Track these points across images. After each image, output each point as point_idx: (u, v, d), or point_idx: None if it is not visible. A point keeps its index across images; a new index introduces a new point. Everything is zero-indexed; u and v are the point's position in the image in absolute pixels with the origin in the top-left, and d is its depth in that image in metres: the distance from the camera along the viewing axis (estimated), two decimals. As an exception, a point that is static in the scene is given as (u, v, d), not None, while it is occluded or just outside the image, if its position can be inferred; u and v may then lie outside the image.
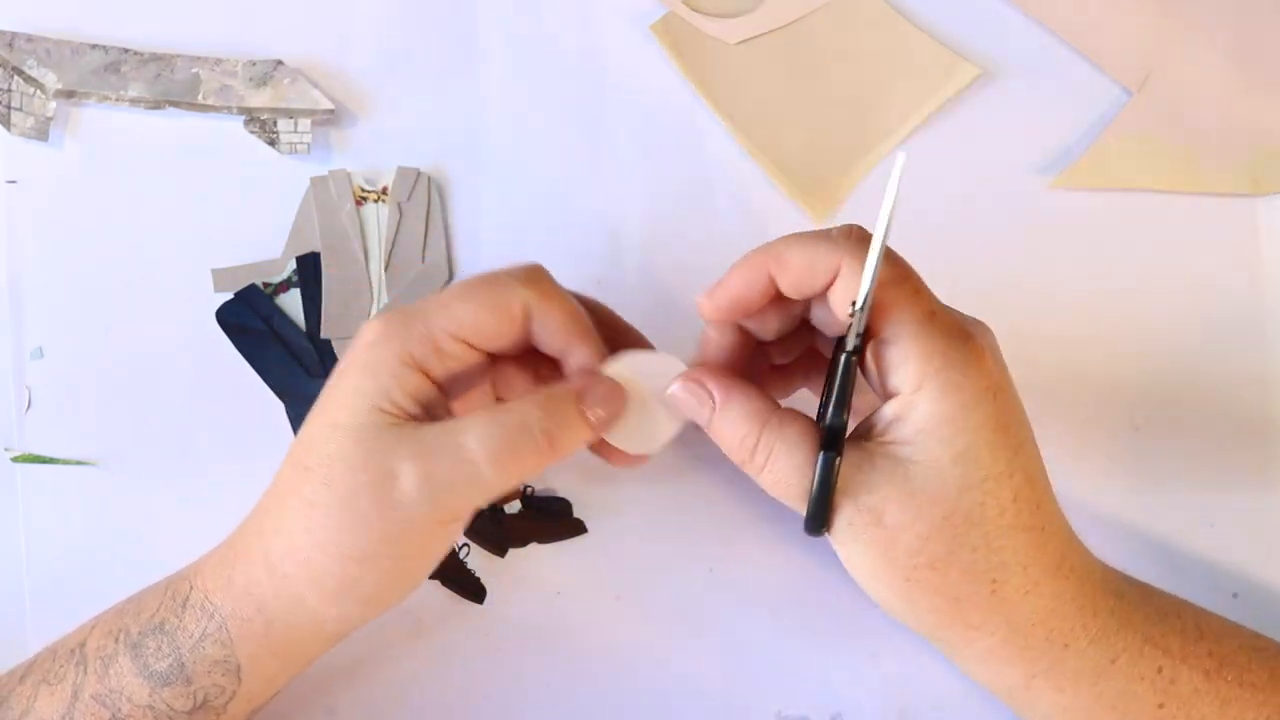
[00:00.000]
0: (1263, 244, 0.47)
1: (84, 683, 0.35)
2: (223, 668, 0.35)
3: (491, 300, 0.35)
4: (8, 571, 0.44)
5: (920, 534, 0.32)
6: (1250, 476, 0.45)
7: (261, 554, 0.34)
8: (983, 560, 0.33)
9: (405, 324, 0.35)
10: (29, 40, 0.46)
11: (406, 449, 0.33)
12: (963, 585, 0.33)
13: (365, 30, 0.48)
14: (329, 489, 0.33)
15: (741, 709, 0.43)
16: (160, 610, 0.35)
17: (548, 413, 0.34)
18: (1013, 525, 0.33)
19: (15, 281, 0.46)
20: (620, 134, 0.48)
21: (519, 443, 0.33)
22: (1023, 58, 0.48)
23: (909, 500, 0.32)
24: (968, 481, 0.32)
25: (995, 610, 0.33)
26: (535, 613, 0.44)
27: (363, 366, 0.34)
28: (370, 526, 0.33)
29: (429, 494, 0.33)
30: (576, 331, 0.36)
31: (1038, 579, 0.34)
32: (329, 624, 0.35)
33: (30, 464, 0.45)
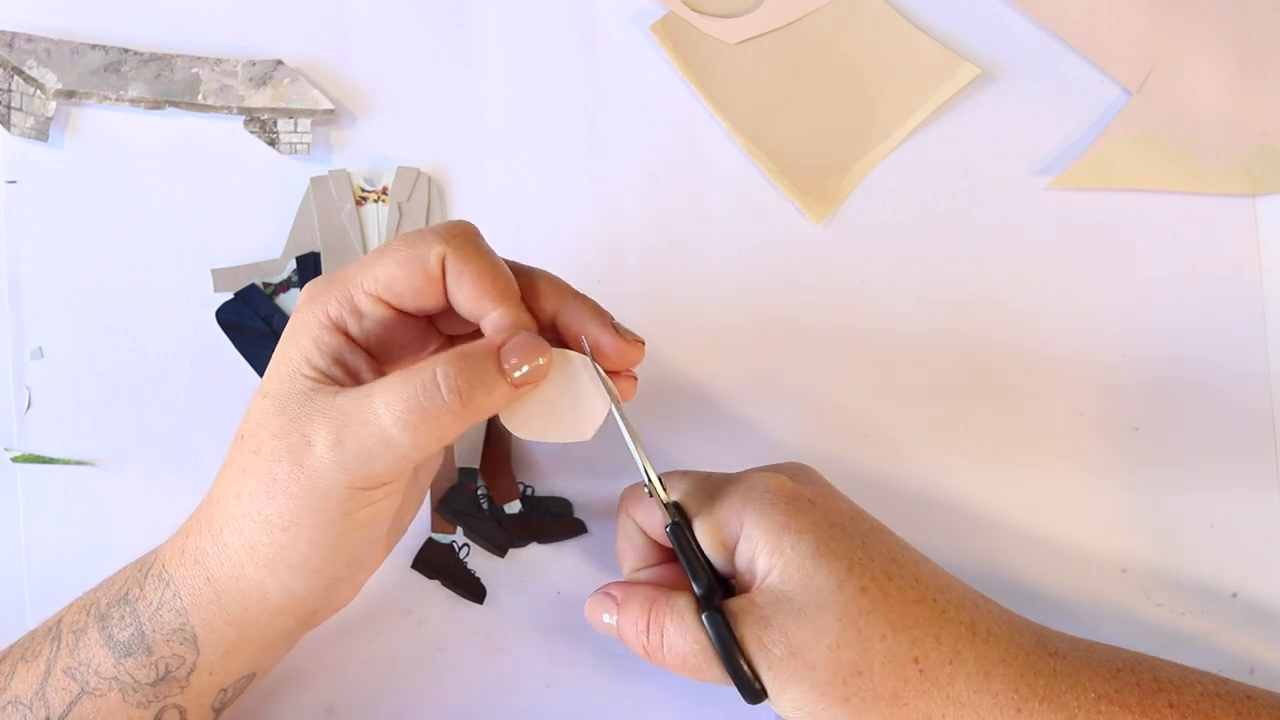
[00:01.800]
0: (1263, 244, 0.47)
1: (56, 657, 0.35)
2: (180, 636, 0.35)
3: (407, 255, 0.33)
4: (8, 571, 0.44)
5: (830, 646, 0.33)
6: (1250, 476, 0.45)
7: (207, 522, 0.35)
8: (895, 645, 0.33)
9: (327, 285, 0.34)
10: (29, 40, 0.46)
11: (321, 414, 0.32)
12: (891, 677, 0.33)
13: (365, 30, 0.48)
14: (256, 456, 0.33)
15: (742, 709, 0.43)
16: (126, 582, 0.36)
17: (460, 369, 0.32)
18: (902, 601, 0.34)
19: (15, 281, 0.46)
20: (620, 134, 0.48)
21: (429, 403, 0.31)
22: (1023, 58, 0.48)
23: (802, 619, 0.33)
24: (837, 575, 0.33)
25: (933, 690, 0.33)
26: (535, 613, 0.44)
27: (290, 332, 0.34)
28: (289, 493, 0.32)
29: (340, 459, 0.31)
30: (492, 291, 0.33)
31: (956, 648, 0.34)
32: (271, 594, 0.34)
33: (30, 464, 0.45)
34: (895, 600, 0.34)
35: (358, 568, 0.36)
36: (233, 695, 0.37)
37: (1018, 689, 0.34)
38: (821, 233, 0.47)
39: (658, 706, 0.44)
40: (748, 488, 0.36)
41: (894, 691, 0.33)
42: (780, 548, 0.34)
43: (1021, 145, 0.48)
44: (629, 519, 0.39)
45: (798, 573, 0.34)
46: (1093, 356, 0.46)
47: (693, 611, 0.35)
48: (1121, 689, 0.35)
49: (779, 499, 0.35)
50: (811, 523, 0.34)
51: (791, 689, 0.33)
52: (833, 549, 0.34)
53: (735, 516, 0.35)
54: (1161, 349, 0.46)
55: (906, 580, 0.34)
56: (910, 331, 0.46)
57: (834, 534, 0.34)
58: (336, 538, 0.33)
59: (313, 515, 0.32)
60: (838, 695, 0.33)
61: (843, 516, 0.36)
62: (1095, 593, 0.45)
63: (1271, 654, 0.44)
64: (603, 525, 0.45)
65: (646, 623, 0.35)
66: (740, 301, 0.46)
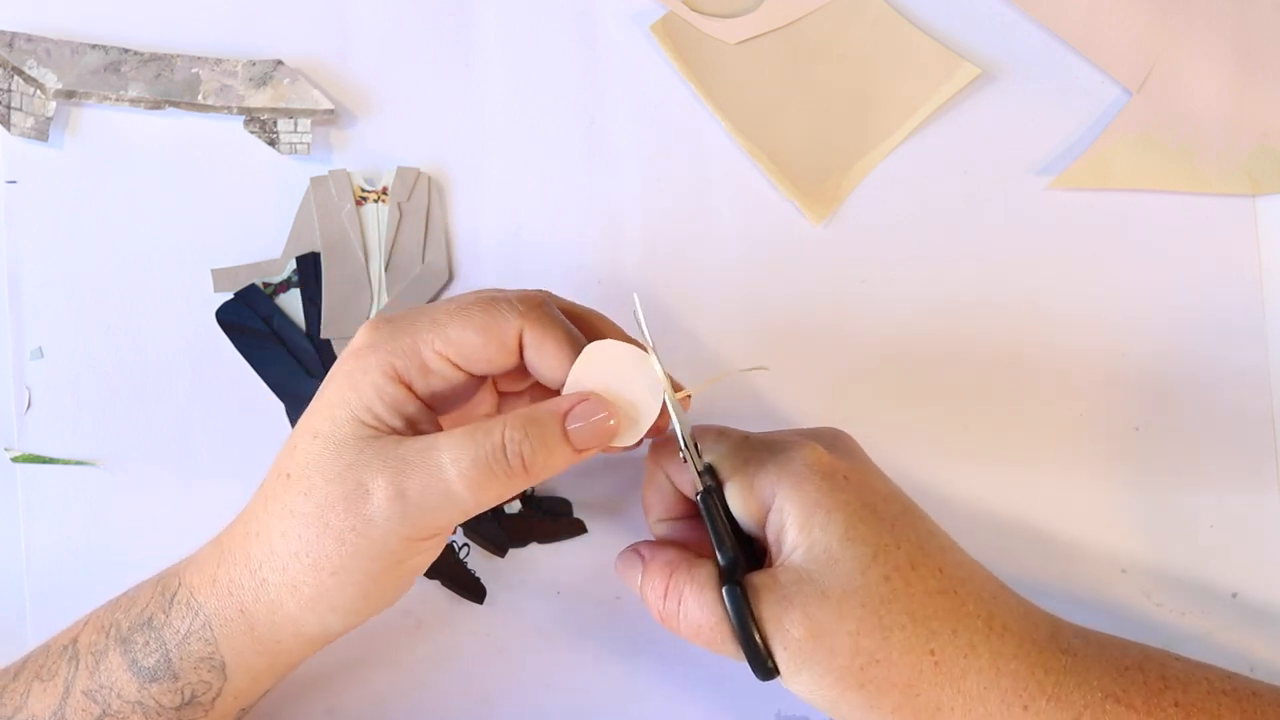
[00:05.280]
0: (1263, 244, 0.47)
1: (75, 678, 0.35)
2: (208, 664, 0.35)
3: (485, 324, 0.34)
4: (8, 571, 0.44)
5: (850, 631, 0.33)
6: (1250, 476, 0.45)
7: (244, 556, 0.34)
8: (913, 635, 0.33)
9: (393, 335, 0.34)
10: (29, 40, 0.46)
11: (381, 463, 0.32)
12: (907, 667, 0.33)
13: (365, 30, 0.48)
14: (306, 499, 0.33)
15: (741, 709, 0.43)
16: (149, 606, 0.36)
17: (527, 434, 0.33)
18: (924, 591, 0.34)
19: (15, 281, 0.46)
20: (620, 134, 0.48)
21: (494, 465, 0.32)
22: (1023, 58, 0.48)
23: (824, 601, 0.33)
24: (863, 560, 0.33)
25: (945, 683, 0.33)
26: (535, 613, 0.44)
27: (346, 375, 0.34)
28: (342, 540, 0.32)
29: (401, 511, 0.32)
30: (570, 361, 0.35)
31: (971, 641, 0.34)
32: (308, 629, 0.35)
33: (30, 464, 0.45)
34: (917, 590, 0.33)
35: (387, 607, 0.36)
36: (248, 711, 0.38)
37: (1027, 686, 0.34)
38: (821, 233, 0.47)
39: (658, 706, 0.44)
40: (785, 458, 0.35)
41: (908, 681, 0.33)
42: (810, 525, 0.34)
43: (1021, 145, 0.48)
44: (660, 471, 0.38)
45: (824, 553, 0.33)
46: (1093, 356, 0.46)
47: (713, 583, 0.34)
48: (1128, 688, 0.35)
49: (814, 474, 0.34)
50: (844, 502, 0.34)
51: (807, 671, 0.33)
52: (861, 532, 0.34)
53: (769, 486, 0.35)
54: (1161, 349, 0.46)
55: (930, 569, 0.34)
56: (910, 331, 0.46)
57: (865, 515, 0.34)
58: (385, 584, 0.34)
59: (364, 562, 0.33)
60: (853, 681, 0.33)
61: (876, 496, 0.35)
62: (1095, 593, 0.45)
63: (1271, 654, 0.44)
64: (603, 525, 0.45)
65: (665, 589, 0.35)
66: (740, 301, 0.46)
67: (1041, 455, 0.46)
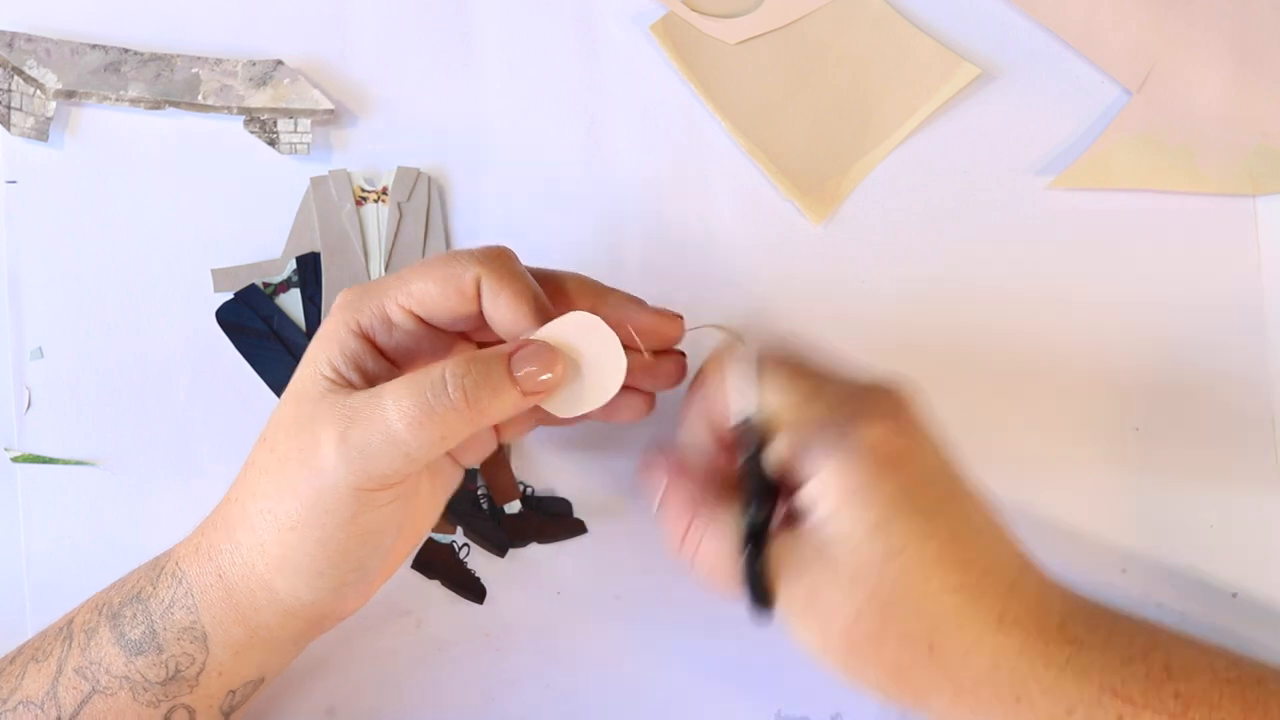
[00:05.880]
0: (1263, 244, 0.47)
1: (68, 656, 0.36)
2: (190, 634, 0.35)
3: (443, 274, 0.34)
4: (8, 571, 0.44)
5: (853, 615, 0.33)
6: (1250, 476, 0.45)
7: (223, 520, 0.35)
8: (915, 628, 0.33)
9: (361, 294, 0.35)
10: (29, 40, 0.46)
11: (331, 414, 0.32)
12: (901, 654, 0.33)
13: (365, 30, 0.48)
14: (271, 455, 0.34)
15: (741, 709, 0.43)
16: (140, 581, 0.36)
17: (468, 370, 0.32)
18: (941, 589, 0.33)
19: (15, 281, 0.46)
20: (620, 134, 0.48)
21: (436, 402, 0.32)
22: (1023, 58, 0.48)
23: (835, 581, 0.33)
24: (887, 553, 0.33)
25: (938, 673, 0.33)
26: (535, 613, 0.44)
27: (319, 336, 0.35)
28: (297, 492, 0.33)
29: (346, 458, 0.32)
30: (528, 312, 0.35)
31: (976, 637, 0.33)
32: (280, 594, 0.34)
33: (30, 464, 0.45)
34: (933, 587, 0.33)
35: (365, 574, 0.36)
36: (240, 699, 0.37)
37: (1024, 680, 0.34)
38: (821, 233, 0.47)
39: (658, 706, 0.44)
40: (842, 433, 0.34)
41: (899, 664, 0.33)
42: (843, 511, 0.33)
43: (1021, 145, 0.48)
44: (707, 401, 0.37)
45: (848, 539, 0.33)
46: (1093, 356, 0.46)
47: (734, 536, 0.34)
48: (1128, 680, 0.34)
49: (867, 459, 0.33)
50: (885, 494, 0.33)
51: (802, 632, 0.34)
52: (895, 526, 0.33)
53: (816, 458, 0.34)
54: (1161, 349, 0.46)
55: (953, 565, 0.34)
56: (910, 331, 0.46)
57: (903, 508, 0.33)
58: (342, 541, 0.33)
59: (319, 516, 0.33)
60: (841, 651, 0.34)
61: (922, 482, 0.34)
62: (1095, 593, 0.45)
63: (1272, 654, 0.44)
64: (603, 525, 0.45)
65: (685, 529, 0.35)
66: (740, 301, 0.46)
67: (1041, 455, 0.45)
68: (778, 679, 0.43)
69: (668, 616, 0.44)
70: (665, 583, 0.44)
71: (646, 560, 0.44)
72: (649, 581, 0.44)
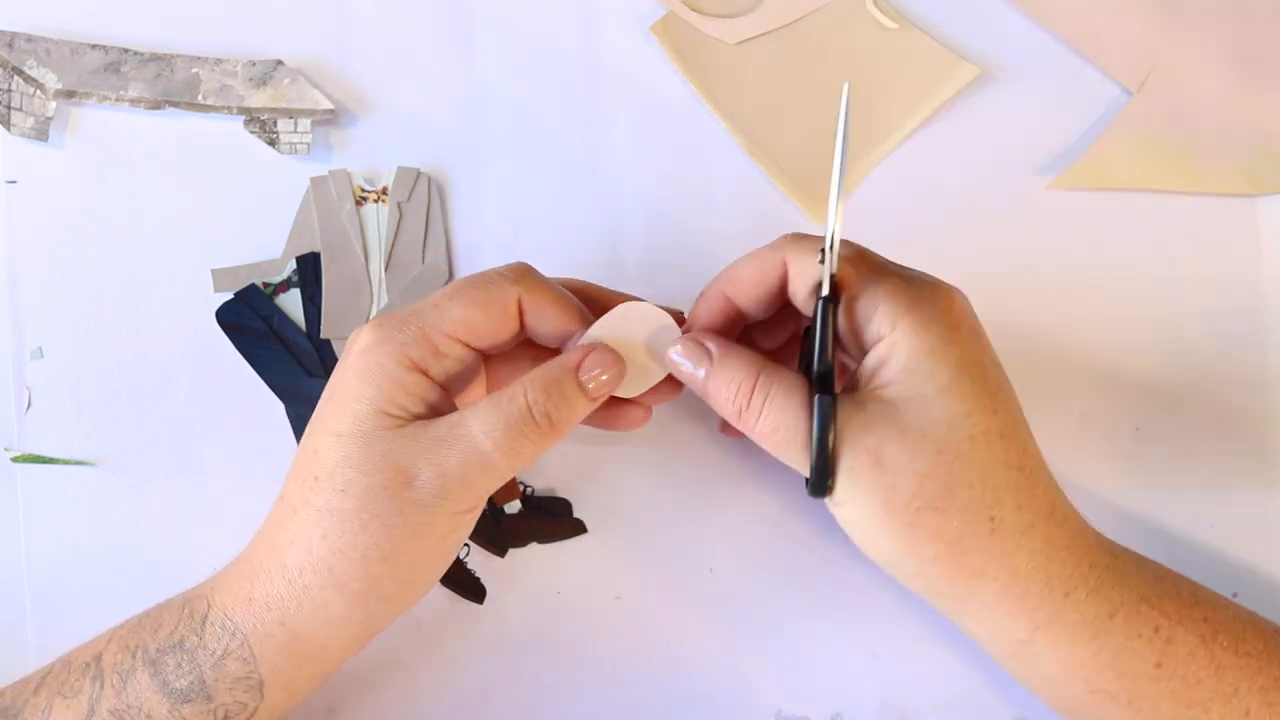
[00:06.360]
0: (1263, 244, 0.47)
1: (101, 697, 0.35)
2: (245, 684, 0.34)
3: (485, 299, 0.36)
4: (8, 571, 0.44)
5: (918, 472, 0.33)
6: (1250, 476, 0.45)
7: (279, 569, 0.34)
8: (979, 497, 0.33)
9: (400, 327, 0.35)
10: (29, 40, 0.46)
11: (416, 447, 0.33)
12: (962, 525, 0.33)
13: (365, 30, 0.48)
14: (344, 495, 0.33)
15: (741, 709, 0.43)
16: (179, 628, 0.35)
17: (549, 394, 0.34)
18: (1004, 463, 0.34)
19: (15, 281, 0.46)
20: (620, 134, 0.48)
21: (523, 427, 0.34)
22: (1023, 58, 0.48)
23: (903, 438, 0.33)
24: (954, 415, 0.33)
25: (995, 551, 0.34)
26: (535, 613, 0.44)
27: (360, 373, 0.34)
28: (390, 526, 0.33)
29: (444, 487, 0.33)
30: (572, 319, 0.37)
31: (1032, 521, 0.34)
32: (353, 626, 0.35)
33: (30, 464, 0.45)
34: (997, 459, 0.33)
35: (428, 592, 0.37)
36: None
37: (1072, 576, 0.34)
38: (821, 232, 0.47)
39: (658, 706, 0.44)
40: (917, 296, 0.34)
41: (958, 537, 0.33)
42: (914, 370, 0.33)
43: (1021, 145, 0.48)
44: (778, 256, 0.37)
45: (917, 398, 0.33)
46: (1093, 356, 0.46)
47: (801, 390, 0.34)
48: (1163, 595, 0.35)
49: (939, 320, 0.34)
50: (957, 358, 0.34)
51: (862, 498, 0.34)
52: (962, 390, 0.33)
53: (891, 318, 0.34)
54: (1161, 349, 0.46)
55: (1015, 445, 0.34)
56: (910, 331, 0.46)
57: (974, 374, 0.34)
58: (430, 564, 0.35)
59: (413, 543, 0.34)
60: (903, 520, 0.33)
61: (987, 361, 0.35)
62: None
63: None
64: (603, 525, 0.45)
65: (752, 387, 0.35)
66: (740, 301, 0.46)
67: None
68: (778, 679, 0.43)
69: (668, 616, 0.44)
70: (665, 582, 0.44)
71: (646, 560, 0.44)
72: (649, 581, 0.44)
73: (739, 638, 0.44)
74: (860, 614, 0.44)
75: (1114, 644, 0.34)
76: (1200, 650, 0.35)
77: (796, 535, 0.44)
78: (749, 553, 0.44)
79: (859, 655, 0.44)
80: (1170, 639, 0.35)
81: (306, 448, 0.35)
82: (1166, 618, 0.35)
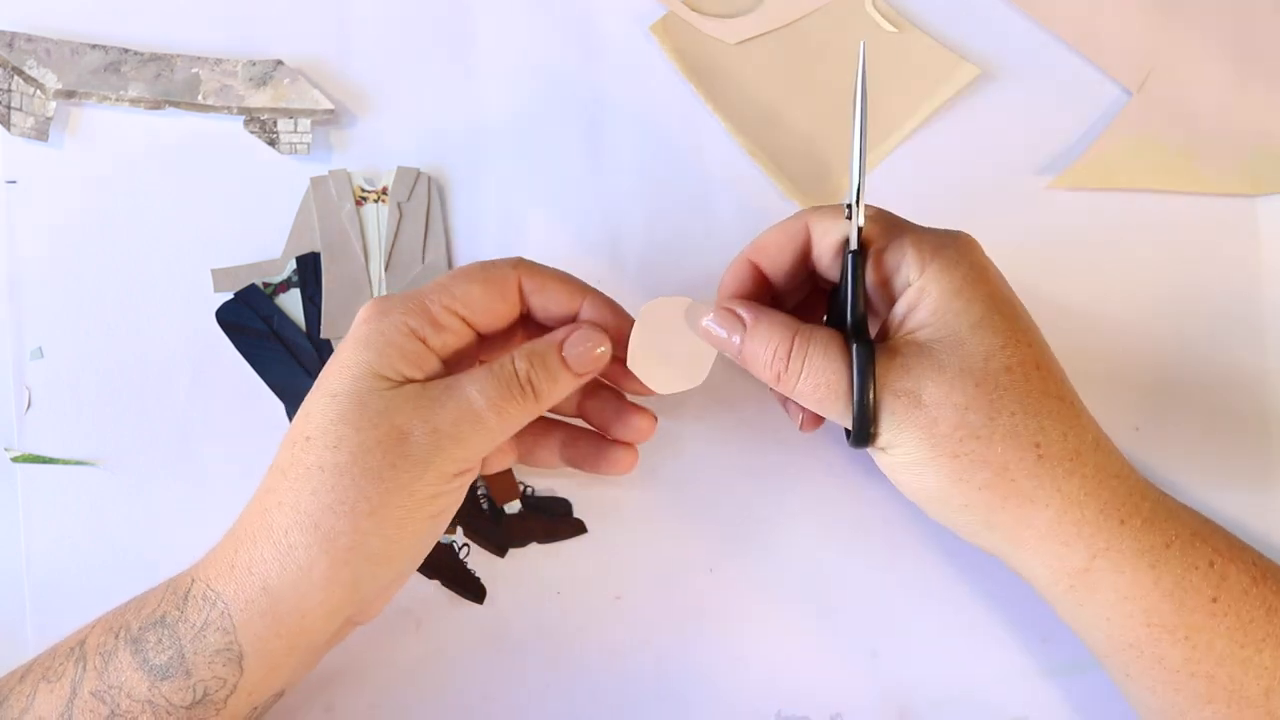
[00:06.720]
0: (1263, 244, 0.47)
1: (83, 679, 0.35)
2: (224, 657, 0.34)
3: (486, 278, 0.37)
4: (8, 571, 0.44)
5: (958, 405, 0.33)
6: (1250, 476, 0.45)
7: (265, 530, 0.34)
8: (1022, 424, 0.33)
9: (402, 300, 0.36)
10: (29, 40, 0.46)
11: (411, 405, 0.34)
12: (1008, 452, 0.33)
13: (365, 30, 0.48)
14: (336, 451, 0.34)
15: (741, 709, 0.43)
16: (161, 605, 0.35)
17: (532, 364, 0.36)
18: (1044, 392, 0.34)
19: (15, 281, 0.46)
20: (620, 134, 0.48)
21: (513, 389, 0.35)
22: (1023, 58, 0.48)
23: (940, 375, 0.34)
24: (989, 348, 0.34)
25: (1045, 476, 0.34)
26: (535, 613, 0.44)
27: (359, 340, 0.35)
28: (383, 479, 0.34)
29: (437, 442, 0.34)
30: (576, 294, 0.38)
31: (1078, 449, 0.34)
32: (337, 590, 0.34)
33: (30, 464, 0.45)
34: (1035, 388, 0.34)
35: (412, 568, 0.38)
36: (261, 712, 0.38)
37: (1125, 503, 0.34)
38: (821, 233, 0.47)
39: (658, 706, 0.44)
40: (941, 242, 0.36)
41: (1005, 464, 0.33)
42: (945, 310, 0.34)
43: (1021, 145, 0.48)
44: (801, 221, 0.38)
45: (951, 335, 0.34)
46: (1093, 356, 0.46)
47: (837, 344, 0.35)
48: (1214, 533, 0.36)
49: (964, 261, 0.35)
50: (986, 295, 0.35)
51: (907, 435, 0.34)
52: (994, 323, 0.34)
53: (918, 264, 0.35)
54: (1161, 349, 0.46)
55: (1052, 376, 0.35)
56: (910, 331, 0.46)
57: (1002, 309, 0.35)
58: (418, 524, 0.35)
59: (401, 498, 0.34)
60: (947, 451, 0.34)
61: (1014, 299, 0.36)
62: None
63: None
64: (603, 525, 0.45)
65: (789, 349, 0.35)
66: (740, 301, 0.46)
67: None
68: (778, 679, 0.43)
69: (668, 616, 0.44)
70: (665, 582, 0.44)
71: (646, 560, 0.44)
72: (649, 581, 0.44)
73: (739, 638, 0.44)
74: (860, 614, 0.44)
75: (1172, 574, 0.34)
76: (1253, 590, 0.35)
77: (796, 535, 0.44)
78: (749, 553, 0.44)
79: (859, 655, 0.44)
80: (1225, 575, 0.35)
81: (300, 412, 0.36)
82: (1220, 554, 0.35)
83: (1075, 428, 0.34)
